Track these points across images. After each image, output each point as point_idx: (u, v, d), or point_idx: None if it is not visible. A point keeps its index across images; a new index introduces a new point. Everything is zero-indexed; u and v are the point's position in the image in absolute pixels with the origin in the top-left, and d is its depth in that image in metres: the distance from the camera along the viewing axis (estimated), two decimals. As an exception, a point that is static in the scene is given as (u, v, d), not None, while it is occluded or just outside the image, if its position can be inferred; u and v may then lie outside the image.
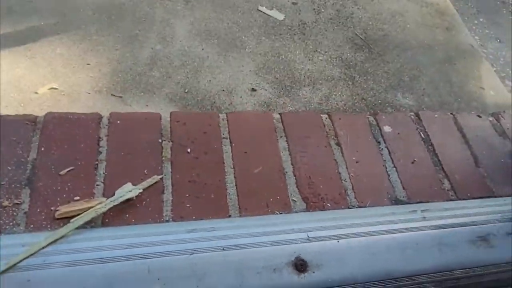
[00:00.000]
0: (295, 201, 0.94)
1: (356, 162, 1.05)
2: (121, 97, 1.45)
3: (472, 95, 1.84)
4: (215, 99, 1.51)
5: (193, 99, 1.50)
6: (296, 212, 0.92)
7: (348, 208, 0.96)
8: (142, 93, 1.50)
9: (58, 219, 0.79)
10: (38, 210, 0.80)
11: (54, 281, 0.69)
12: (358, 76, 1.73)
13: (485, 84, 1.95)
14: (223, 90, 1.53)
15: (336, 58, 1.79)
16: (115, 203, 0.82)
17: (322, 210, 0.94)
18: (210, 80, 1.55)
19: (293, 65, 1.71)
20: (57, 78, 1.47)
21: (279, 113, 1.10)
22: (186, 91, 1.53)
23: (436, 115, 1.23)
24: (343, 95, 1.60)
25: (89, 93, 1.43)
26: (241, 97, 1.52)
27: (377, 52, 1.83)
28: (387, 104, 1.60)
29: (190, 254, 0.76)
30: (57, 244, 0.73)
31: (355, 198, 0.98)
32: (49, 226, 0.78)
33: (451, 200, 1.05)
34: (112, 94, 1.46)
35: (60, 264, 0.71)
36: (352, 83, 1.68)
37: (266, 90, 1.55)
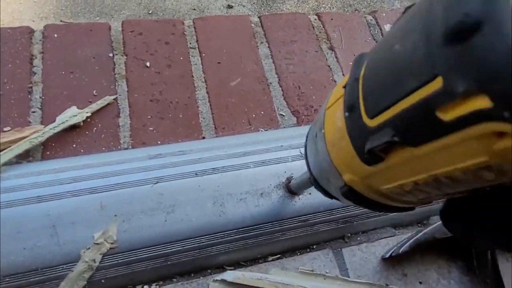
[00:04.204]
0: (283, 116, 0.77)
1: (354, 67, 0.87)
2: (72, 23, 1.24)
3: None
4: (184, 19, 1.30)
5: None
6: (285, 127, 0.76)
7: (348, 119, 0.80)
8: (98, 17, 1.28)
9: (-16, 155, 0.62)
10: (-42, 146, 0.63)
11: (-23, 228, 0.54)
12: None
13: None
14: (194, 9, 1.31)
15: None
16: (56, 131, 0.65)
17: (316, 123, 0.78)
18: (178, -2, 1.33)
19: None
20: (-7, 4, 1.25)
21: (258, 16, 0.90)
22: (150, 12, 1.32)
23: (444, 10, 1.04)
24: (333, 7, 1.40)
25: (33, 21, 1.21)
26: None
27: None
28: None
29: (154, 184, 0.61)
30: (-20, 184, 0.57)
31: (355, 107, 0.82)
32: (-27, 164, 0.62)
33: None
34: (61, 21, 1.24)
35: (-15, 207, 0.55)
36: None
37: (244, 6, 1.34)
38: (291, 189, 0.63)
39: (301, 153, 0.68)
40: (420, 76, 0.21)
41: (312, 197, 0.65)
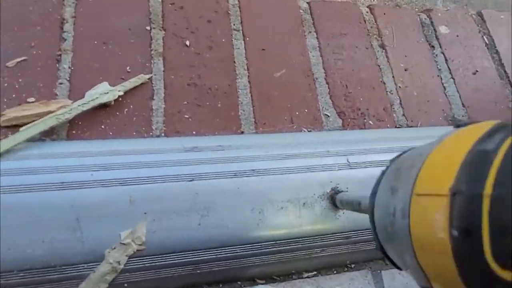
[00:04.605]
0: (328, 116, 0.71)
1: (405, 70, 0.80)
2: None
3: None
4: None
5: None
6: (329, 130, 0.70)
7: (396, 127, 0.74)
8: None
9: (4, 127, 0.56)
10: (-25, 114, 0.56)
11: (-7, 213, 0.48)
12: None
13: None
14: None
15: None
16: (85, 108, 0.58)
17: (362, 128, 0.72)
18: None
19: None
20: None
21: (307, 2, 0.83)
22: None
23: (502, 16, 0.96)
24: (373, 0, 1.31)
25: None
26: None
27: None
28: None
29: (190, 181, 0.55)
30: (2, 161, 0.51)
31: (403, 115, 0.75)
32: (-9, 136, 0.55)
33: (520, 122, 0.82)
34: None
35: (3, 190, 0.49)
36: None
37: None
38: (336, 203, 0.57)
39: (348, 161, 0.62)
40: None
41: (357, 213, 0.59)
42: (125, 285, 0.50)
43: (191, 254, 0.52)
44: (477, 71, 0.86)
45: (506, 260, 0.20)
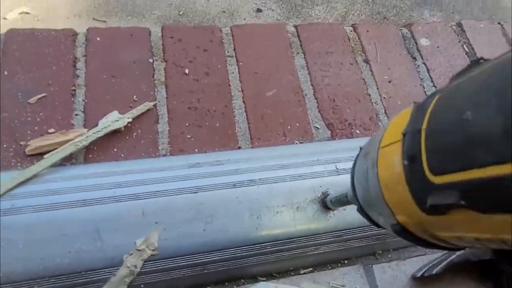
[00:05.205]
0: (318, 128, 0.78)
1: (389, 82, 0.87)
2: (104, 21, 1.24)
3: (508, 11, 1.61)
4: (214, 21, 1.30)
5: (189, 23, 1.29)
6: (319, 141, 0.77)
7: (381, 134, 0.80)
8: (129, 17, 1.29)
9: (29, 155, 0.64)
10: (5, 145, 0.65)
11: (26, 228, 0.55)
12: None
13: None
14: (224, 12, 1.31)
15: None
16: (99, 135, 0.66)
17: (350, 138, 0.78)
18: (208, 0, 1.33)
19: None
20: (29, 1, 1.26)
21: (293, 26, 0.91)
22: (180, 13, 1.32)
23: (481, 25, 1.03)
24: (361, 14, 1.39)
25: (68, 18, 1.23)
26: (244, 19, 1.30)
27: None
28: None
29: (194, 193, 0.62)
30: (28, 185, 0.59)
31: (388, 123, 0.82)
32: (19, 164, 0.64)
33: (501, 122, 0.88)
34: (94, 19, 1.25)
35: (33, 208, 0.57)
36: (372, 0, 1.45)
37: (273, 10, 1.33)
38: (327, 205, 0.64)
39: (336, 168, 0.69)
40: (497, 154, 0.21)
41: (346, 213, 0.66)
42: (142, 286, 0.57)
43: (198, 257, 0.59)
44: (457, 77, 0.92)
45: (436, 170, 0.27)
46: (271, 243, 0.62)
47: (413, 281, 0.66)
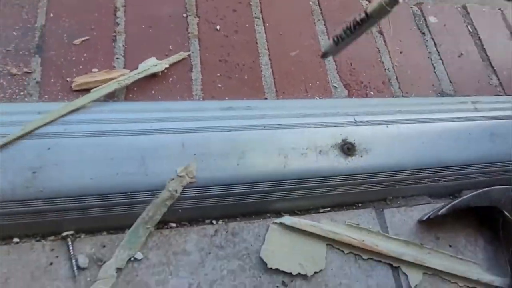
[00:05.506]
0: (336, 88, 0.84)
1: (400, 52, 0.94)
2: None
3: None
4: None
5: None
6: (337, 98, 0.83)
7: (393, 97, 0.87)
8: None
9: (75, 90, 0.69)
10: (52, 80, 0.69)
11: (77, 150, 0.61)
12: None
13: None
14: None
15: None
16: (140, 76, 0.72)
17: (364, 98, 0.85)
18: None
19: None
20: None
21: (315, -5, 0.97)
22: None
23: (484, 9, 1.11)
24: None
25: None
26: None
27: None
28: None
29: (228, 131, 0.68)
30: (78, 114, 0.64)
31: (399, 88, 0.89)
32: (65, 97, 0.68)
33: (499, 95, 0.96)
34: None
35: (84, 134, 0.62)
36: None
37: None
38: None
39: (355, 120, 0.75)
40: None
41: (363, 160, 0.72)
42: (179, 210, 0.63)
43: (230, 187, 0.65)
44: (462, 54, 1.00)
45: None
46: (296, 180, 0.68)
47: (419, 225, 0.73)
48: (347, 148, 0.72)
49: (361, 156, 0.72)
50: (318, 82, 0.83)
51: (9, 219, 0.56)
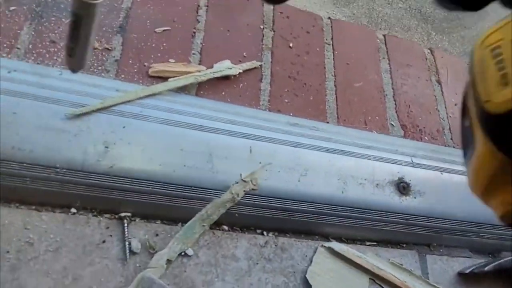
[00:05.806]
0: (393, 126, 0.85)
1: (455, 105, 0.96)
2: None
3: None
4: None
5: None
6: (395, 136, 0.84)
7: (446, 147, 0.88)
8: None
9: (151, 76, 0.69)
10: (130, 61, 0.70)
11: (150, 134, 0.60)
12: (434, 34, 1.61)
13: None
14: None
15: (415, 9, 1.66)
16: (214, 76, 0.72)
17: (419, 141, 0.85)
18: None
19: (372, 5, 1.58)
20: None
21: (382, 34, 0.99)
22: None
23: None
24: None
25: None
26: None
27: (456, 14, 1.71)
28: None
29: (294, 147, 0.68)
30: (154, 99, 0.64)
31: (451, 139, 0.90)
32: (141, 81, 0.69)
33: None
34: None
35: (158, 120, 0.62)
36: (427, 39, 1.57)
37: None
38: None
39: (412, 161, 0.76)
40: None
41: (416, 201, 0.72)
42: (236, 215, 0.62)
43: (289, 202, 0.64)
44: None
45: None
46: (351, 208, 0.68)
47: (459, 277, 0.73)
48: (403, 187, 0.72)
49: (415, 198, 0.72)
50: (377, 117, 0.84)
51: (73, 188, 0.56)
